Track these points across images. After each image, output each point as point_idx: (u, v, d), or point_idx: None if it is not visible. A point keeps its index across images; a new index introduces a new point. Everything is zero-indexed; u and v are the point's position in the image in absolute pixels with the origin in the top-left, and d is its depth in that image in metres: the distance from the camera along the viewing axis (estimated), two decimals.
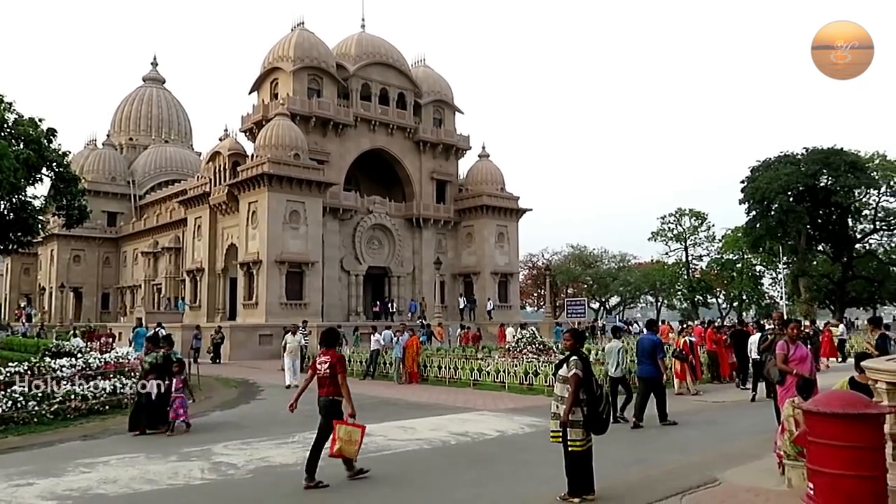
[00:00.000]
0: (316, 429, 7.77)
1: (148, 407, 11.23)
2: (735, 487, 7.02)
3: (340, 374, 7.75)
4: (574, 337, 7.05)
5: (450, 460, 9.00)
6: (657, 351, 11.77)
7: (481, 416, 12.60)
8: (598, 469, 6.81)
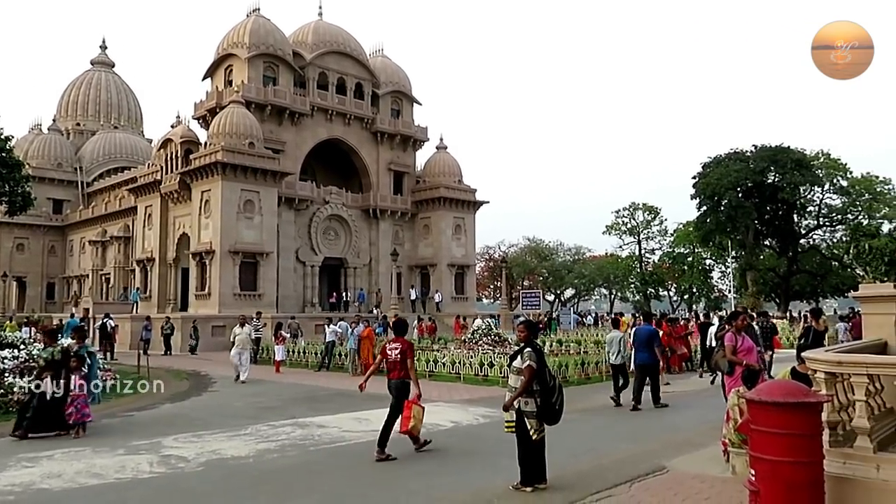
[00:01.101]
0: (268, 421, 7.69)
1: (39, 408, 10.05)
2: (682, 475, 7.21)
3: (410, 359, 8.54)
4: (528, 329, 7.12)
5: (405, 451, 9.01)
6: (654, 340, 12.74)
7: (436, 408, 12.62)
8: (551, 458, 6.91)
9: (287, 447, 9.30)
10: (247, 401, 14.23)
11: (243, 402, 13.98)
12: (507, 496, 6.56)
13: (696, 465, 7.61)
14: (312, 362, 21.62)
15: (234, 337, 18.19)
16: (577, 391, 14.71)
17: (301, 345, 23.41)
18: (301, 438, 9.91)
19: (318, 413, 12.15)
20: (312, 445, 9.44)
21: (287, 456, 8.77)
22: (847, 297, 50.80)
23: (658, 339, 13.36)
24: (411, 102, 48.48)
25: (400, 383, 8.44)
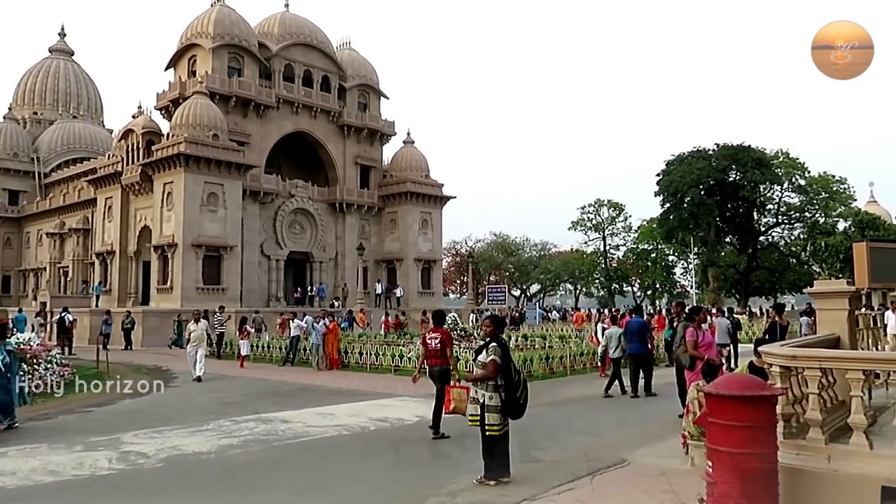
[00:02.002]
0: (230, 416, 7.63)
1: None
2: (642, 467, 7.34)
3: (449, 347, 9.51)
4: (494, 323, 7.17)
5: (369, 446, 9.01)
6: (645, 331, 13.82)
7: (401, 402, 12.66)
8: (515, 452, 6.97)
9: (250, 442, 9.22)
10: (209, 396, 14.06)
11: (205, 398, 13.81)
12: (471, 490, 6.60)
13: (657, 458, 7.75)
14: (277, 357, 21.42)
15: (188, 333, 17.39)
16: (542, 385, 14.84)
17: (265, 340, 23.20)
18: (264, 434, 9.82)
19: (282, 408, 12.05)
20: (276, 440, 9.36)
21: (250, 451, 8.70)
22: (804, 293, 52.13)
23: (649, 331, 14.56)
24: (378, 96, 48.22)
25: (441, 370, 9.31)
